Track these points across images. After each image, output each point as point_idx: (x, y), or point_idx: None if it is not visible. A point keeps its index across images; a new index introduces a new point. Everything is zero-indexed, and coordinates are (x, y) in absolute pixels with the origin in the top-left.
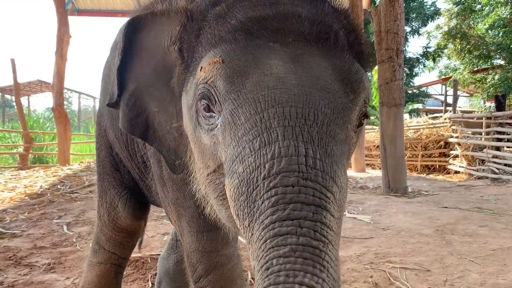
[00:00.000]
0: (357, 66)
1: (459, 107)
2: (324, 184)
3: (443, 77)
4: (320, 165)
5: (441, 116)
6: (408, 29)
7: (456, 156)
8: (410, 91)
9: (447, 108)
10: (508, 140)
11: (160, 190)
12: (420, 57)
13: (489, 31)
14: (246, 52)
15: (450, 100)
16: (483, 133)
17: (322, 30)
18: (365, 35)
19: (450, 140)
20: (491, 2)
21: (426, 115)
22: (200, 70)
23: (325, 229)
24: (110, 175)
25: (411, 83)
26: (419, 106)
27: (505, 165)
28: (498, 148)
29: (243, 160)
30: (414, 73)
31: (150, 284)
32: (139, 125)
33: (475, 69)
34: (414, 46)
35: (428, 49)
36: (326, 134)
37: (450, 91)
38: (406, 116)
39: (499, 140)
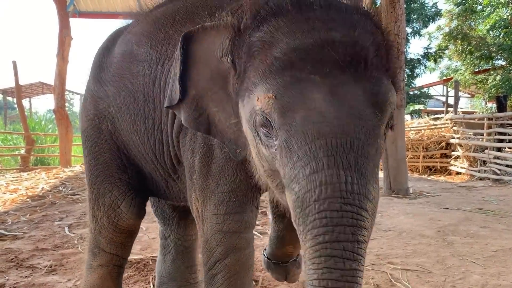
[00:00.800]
0: (384, 87)
1: (461, 108)
2: (360, 205)
3: (444, 78)
4: (356, 189)
5: (443, 117)
6: (409, 30)
7: (457, 157)
8: (411, 92)
9: (449, 109)
10: (510, 141)
11: (188, 179)
12: (421, 58)
13: (490, 32)
14: (293, 88)
15: (451, 101)
16: (484, 134)
17: (354, 54)
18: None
19: (452, 141)
20: (492, 3)
21: (427, 116)
22: (257, 100)
23: (361, 246)
24: (114, 177)
25: (412, 84)
26: (420, 107)
27: (507, 166)
28: (499, 149)
29: (298, 181)
30: (415, 74)
31: (152, 286)
32: (202, 123)
33: (476, 70)
34: (415, 47)
35: (429, 50)
36: (361, 157)
37: (451, 92)
38: (407, 117)
39: (501, 141)
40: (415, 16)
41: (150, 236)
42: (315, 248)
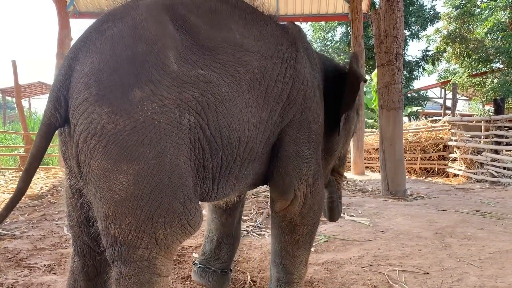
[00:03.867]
0: None
1: (458, 110)
2: None
3: (442, 80)
4: None
5: (440, 120)
6: (407, 32)
7: (455, 159)
8: (409, 95)
9: (446, 111)
10: (507, 144)
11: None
12: (420, 61)
13: (488, 35)
14: None
15: (449, 103)
16: (482, 137)
17: None
18: None
19: (449, 143)
20: (490, 6)
21: (425, 118)
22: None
23: None
24: (186, 186)
25: (410, 87)
26: (418, 109)
27: (504, 168)
28: (497, 152)
29: None
30: (413, 76)
31: None
32: None
33: (474, 72)
34: (413, 50)
35: (427, 53)
36: None
37: (449, 95)
38: (405, 119)
39: (498, 143)
40: (413, 18)
41: None
42: None
